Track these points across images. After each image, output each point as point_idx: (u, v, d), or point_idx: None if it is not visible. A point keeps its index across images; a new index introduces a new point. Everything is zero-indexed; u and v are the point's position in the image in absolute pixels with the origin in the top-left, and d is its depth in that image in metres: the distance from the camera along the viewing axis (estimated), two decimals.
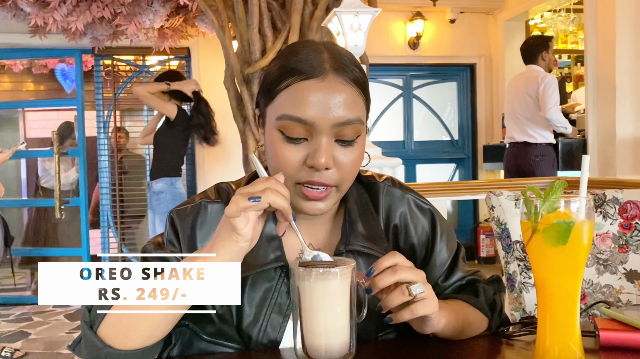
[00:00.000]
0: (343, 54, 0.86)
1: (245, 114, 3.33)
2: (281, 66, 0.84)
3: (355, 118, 0.81)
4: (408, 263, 0.78)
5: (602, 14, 3.96)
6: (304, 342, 0.74)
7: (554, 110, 3.79)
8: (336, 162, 0.81)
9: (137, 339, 0.76)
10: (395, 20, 5.36)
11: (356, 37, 2.56)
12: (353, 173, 0.85)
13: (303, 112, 0.79)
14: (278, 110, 0.82)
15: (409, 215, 0.95)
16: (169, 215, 0.89)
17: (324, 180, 0.81)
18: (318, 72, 0.81)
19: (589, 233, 0.73)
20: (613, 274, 1.42)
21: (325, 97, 0.80)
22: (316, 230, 0.92)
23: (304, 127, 0.80)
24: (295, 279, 0.73)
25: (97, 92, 4.96)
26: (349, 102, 0.81)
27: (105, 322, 0.77)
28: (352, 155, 0.83)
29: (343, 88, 0.81)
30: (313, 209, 0.83)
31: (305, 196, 0.82)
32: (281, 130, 0.81)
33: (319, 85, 0.80)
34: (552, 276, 0.74)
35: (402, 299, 0.76)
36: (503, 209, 1.49)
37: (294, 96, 0.81)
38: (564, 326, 0.75)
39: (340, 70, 0.82)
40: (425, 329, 0.81)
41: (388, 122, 5.59)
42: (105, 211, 4.95)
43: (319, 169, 0.80)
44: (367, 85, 0.87)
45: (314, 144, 0.80)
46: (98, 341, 0.76)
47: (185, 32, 4.38)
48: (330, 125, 0.80)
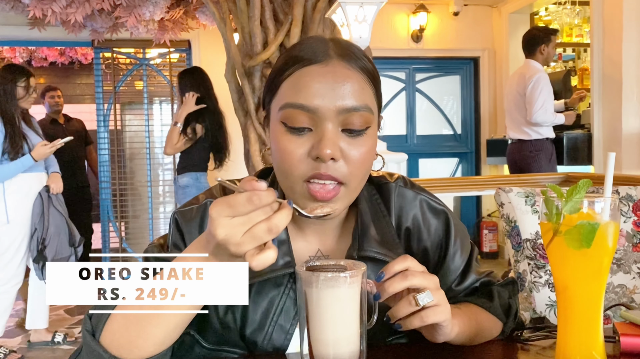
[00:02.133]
0: (351, 44, 0.81)
1: (247, 107, 3.28)
2: (284, 57, 0.80)
3: (363, 106, 0.76)
4: (420, 267, 0.74)
5: (609, 6, 3.90)
6: (311, 350, 0.69)
7: (539, 114, 3.76)
8: (344, 154, 0.75)
9: (147, 347, 0.69)
10: (398, 12, 5.30)
11: (361, 28, 2.51)
12: (363, 168, 0.78)
13: (305, 99, 0.74)
14: (281, 100, 0.77)
15: (422, 218, 0.89)
16: (173, 216, 0.84)
17: (332, 172, 0.74)
18: (321, 57, 0.76)
19: (614, 235, 0.69)
20: (627, 274, 1.38)
21: (330, 81, 0.75)
22: (325, 234, 0.86)
23: (307, 115, 0.74)
24: (302, 284, 0.69)
25: (97, 85, 4.93)
26: (355, 88, 0.76)
27: (109, 328, 0.70)
28: (362, 148, 0.76)
29: (349, 73, 0.76)
30: (322, 212, 0.76)
31: (313, 197, 0.75)
32: (284, 121, 0.75)
33: (322, 70, 0.76)
34: (574, 281, 0.70)
35: (410, 310, 0.71)
36: (513, 206, 1.45)
37: (296, 83, 0.76)
38: (586, 334, 0.71)
39: (345, 57, 0.77)
40: (437, 338, 0.76)
41: (390, 115, 5.54)
42: (105, 205, 4.92)
43: (325, 160, 0.73)
44: (377, 77, 0.81)
45: (319, 133, 0.74)
46: (102, 351, 0.69)
47: (186, 24, 4.33)
48: (335, 112, 0.74)
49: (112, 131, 4.94)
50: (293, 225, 0.86)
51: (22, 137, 3.03)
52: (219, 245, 0.62)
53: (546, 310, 1.38)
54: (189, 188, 3.48)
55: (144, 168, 5.07)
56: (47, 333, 3.32)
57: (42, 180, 3.14)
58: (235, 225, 0.61)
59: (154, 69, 5.06)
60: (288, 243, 0.82)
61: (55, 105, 4.53)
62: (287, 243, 0.82)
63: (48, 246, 3.08)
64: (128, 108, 5.23)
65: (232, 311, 0.81)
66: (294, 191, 0.77)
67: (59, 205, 3.14)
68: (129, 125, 5.19)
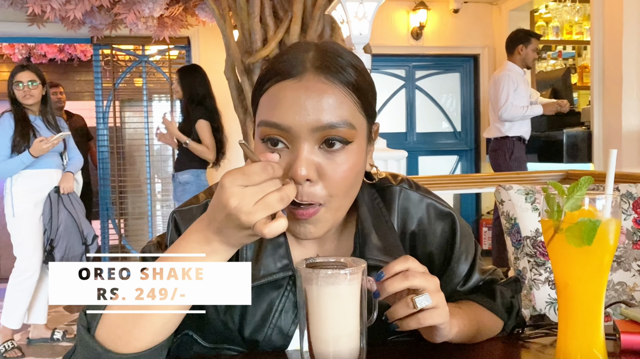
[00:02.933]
0: (337, 53, 0.75)
1: (246, 104, 3.28)
2: (265, 69, 0.77)
3: (340, 122, 0.71)
4: (421, 268, 0.73)
5: (609, 4, 3.89)
6: (311, 348, 0.69)
7: (505, 109, 3.82)
8: (321, 173, 0.71)
9: (145, 336, 0.67)
10: (398, 9, 5.29)
11: (361, 25, 2.50)
12: (344, 187, 0.74)
13: (279, 117, 0.71)
14: (259, 116, 0.75)
15: (428, 221, 0.87)
16: (172, 216, 0.82)
17: (306, 197, 0.71)
18: (295, 71, 0.72)
19: (615, 232, 0.69)
20: (627, 271, 1.38)
21: (302, 97, 0.71)
22: (324, 240, 0.85)
23: (281, 134, 0.71)
24: (302, 281, 0.68)
25: (96, 82, 4.92)
26: (331, 103, 0.71)
27: (104, 322, 0.69)
28: (343, 166, 0.72)
29: (324, 88, 0.72)
30: (304, 233, 0.74)
31: (293, 216, 0.72)
32: (262, 138, 0.73)
33: (295, 85, 0.72)
34: (575, 279, 0.70)
35: (407, 312, 0.71)
36: (513, 203, 1.45)
37: (271, 99, 0.73)
38: (587, 331, 0.70)
39: (322, 69, 0.72)
40: (435, 339, 0.75)
41: (390, 113, 5.54)
42: (105, 203, 4.91)
43: (300, 182, 0.70)
44: (364, 87, 0.75)
45: (293, 153, 0.71)
46: (97, 346, 0.68)
47: (186, 21, 4.32)
48: (308, 130, 0.70)
49: (112, 128, 4.93)
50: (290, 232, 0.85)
51: (26, 134, 3.04)
52: (229, 215, 0.61)
53: (546, 308, 1.38)
54: (190, 185, 3.48)
55: (143, 166, 5.07)
56: (46, 330, 3.33)
57: (52, 177, 3.16)
58: (248, 194, 0.61)
59: (154, 66, 5.05)
60: (286, 246, 0.81)
61: (57, 102, 4.52)
62: (285, 246, 0.81)
63: (57, 247, 3.11)
64: (127, 105, 5.23)
65: (231, 313, 0.80)
66: None
67: (70, 205, 3.16)
68: (129, 122, 5.18)
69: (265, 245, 0.80)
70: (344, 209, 0.77)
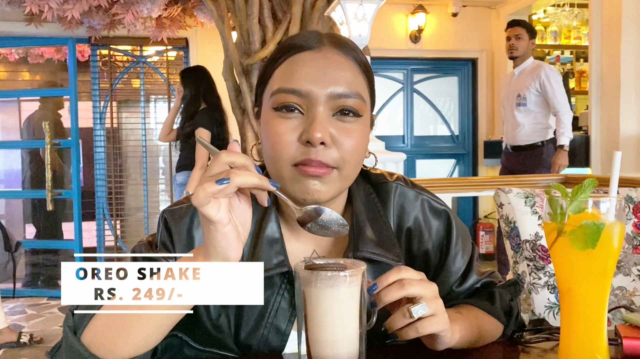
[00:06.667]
0: (346, 38, 0.82)
1: (244, 106, 3.26)
2: (277, 49, 0.80)
3: (355, 93, 0.75)
4: (417, 275, 0.71)
5: (608, 9, 3.90)
6: (309, 352, 0.68)
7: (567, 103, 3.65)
8: (335, 140, 0.73)
9: (127, 347, 0.67)
10: (397, 13, 5.29)
11: (360, 27, 2.50)
12: (356, 156, 0.76)
13: (297, 83, 0.74)
14: (272, 87, 0.77)
15: (423, 219, 0.87)
16: (162, 215, 0.82)
17: (322, 158, 0.72)
18: (314, 44, 0.77)
19: (619, 235, 0.68)
20: (627, 276, 1.37)
21: (322, 66, 0.75)
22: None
23: (298, 100, 0.74)
24: (301, 283, 0.67)
25: (94, 83, 4.89)
26: (348, 76, 0.76)
27: (91, 327, 0.68)
28: (354, 135, 0.75)
29: (341, 60, 0.77)
30: (312, 191, 0.73)
31: (304, 173, 0.73)
32: (275, 107, 0.75)
33: (315, 55, 0.76)
34: (578, 283, 0.69)
35: (404, 322, 0.69)
36: (512, 207, 1.44)
37: (288, 69, 0.76)
38: (590, 336, 0.69)
39: (339, 45, 0.78)
40: (437, 347, 0.74)
41: (388, 116, 5.53)
42: (101, 204, 4.89)
43: (315, 144, 0.72)
44: (371, 72, 0.81)
45: (310, 117, 0.73)
46: (82, 349, 0.67)
47: (184, 22, 4.30)
48: (326, 97, 0.74)
49: (109, 129, 4.91)
50: (286, 225, 0.83)
51: None
52: (201, 215, 0.62)
53: (545, 312, 1.37)
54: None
55: (140, 167, 5.05)
56: (10, 333, 3.19)
57: None
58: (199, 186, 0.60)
59: (151, 67, 5.03)
60: (281, 242, 0.80)
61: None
62: (281, 241, 0.80)
63: None
64: (125, 106, 5.20)
65: (226, 314, 0.79)
66: (282, 177, 0.75)
67: None
68: (126, 123, 5.16)
69: (261, 241, 0.78)
70: (350, 180, 0.79)
